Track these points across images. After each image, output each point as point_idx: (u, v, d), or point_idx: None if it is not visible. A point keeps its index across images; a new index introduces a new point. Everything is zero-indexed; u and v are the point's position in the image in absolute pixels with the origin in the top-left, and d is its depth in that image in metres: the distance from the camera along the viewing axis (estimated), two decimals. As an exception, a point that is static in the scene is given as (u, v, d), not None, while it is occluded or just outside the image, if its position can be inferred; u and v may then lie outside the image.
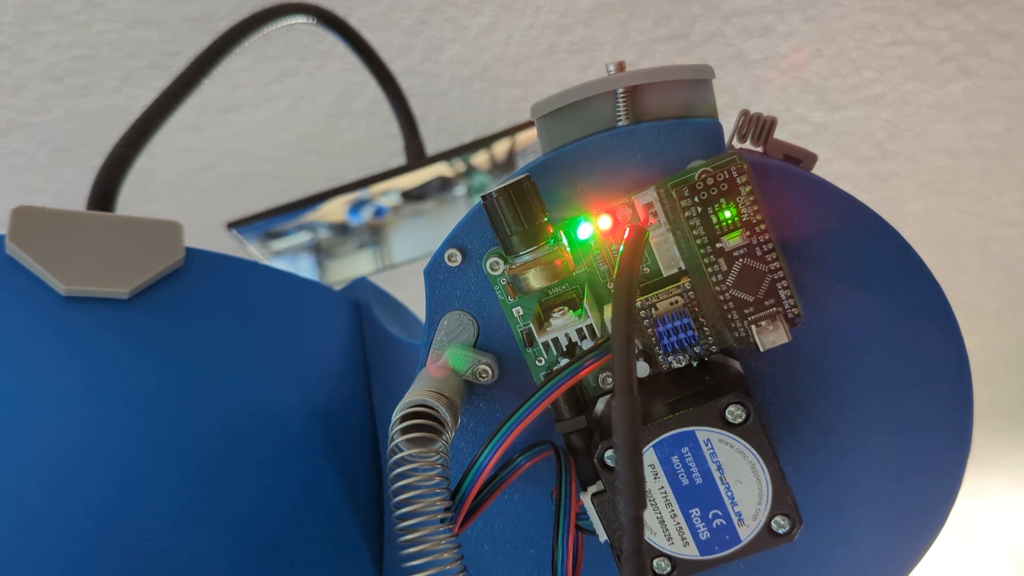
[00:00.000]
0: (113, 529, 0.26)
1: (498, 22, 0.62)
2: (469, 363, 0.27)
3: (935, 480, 0.27)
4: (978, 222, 0.79)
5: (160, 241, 0.30)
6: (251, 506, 0.29)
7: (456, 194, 0.56)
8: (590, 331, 0.25)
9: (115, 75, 0.63)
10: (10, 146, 0.67)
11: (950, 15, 0.62)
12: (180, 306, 0.30)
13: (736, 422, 0.24)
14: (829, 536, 0.28)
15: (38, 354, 0.27)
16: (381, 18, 0.61)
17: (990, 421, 1.03)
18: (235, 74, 0.63)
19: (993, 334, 0.92)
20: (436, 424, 0.24)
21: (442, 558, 0.22)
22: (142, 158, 0.34)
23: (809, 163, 0.26)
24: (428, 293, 0.28)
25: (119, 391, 0.28)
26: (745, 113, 0.27)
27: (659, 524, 0.24)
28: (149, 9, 0.58)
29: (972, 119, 0.70)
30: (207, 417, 0.29)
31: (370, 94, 0.66)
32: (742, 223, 0.24)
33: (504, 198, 0.24)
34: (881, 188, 0.77)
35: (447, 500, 0.23)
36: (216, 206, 0.75)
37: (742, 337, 0.25)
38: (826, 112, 0.70)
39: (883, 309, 0.26)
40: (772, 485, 0.24)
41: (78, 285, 0.28)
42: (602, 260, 0.26)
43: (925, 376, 0.27)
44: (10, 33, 0.58)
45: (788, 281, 0.24)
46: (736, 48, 0.65)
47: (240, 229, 0.55)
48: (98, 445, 0.27)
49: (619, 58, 0.54)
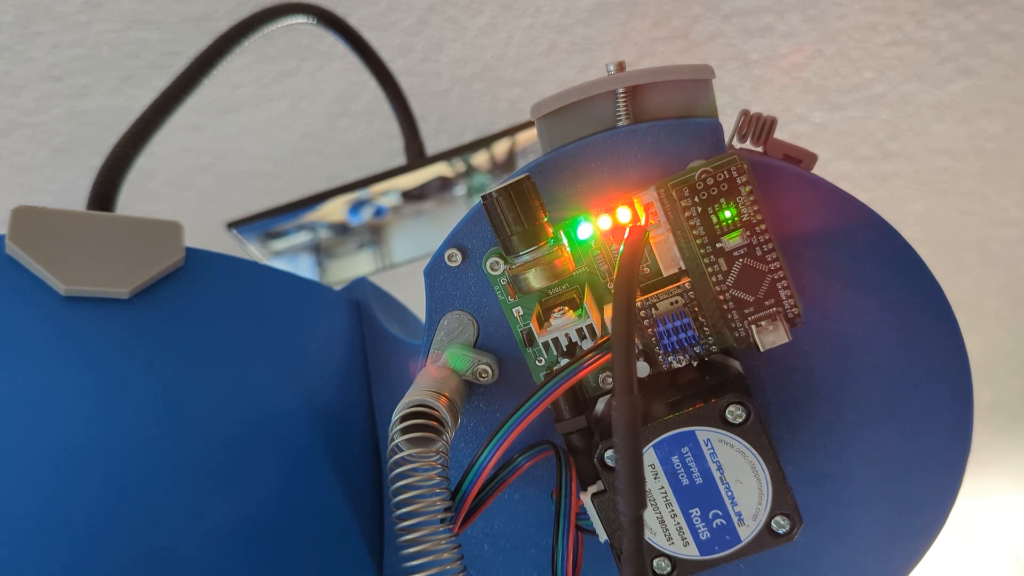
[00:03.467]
0: (112, 529, 0.26)
1: (498, 22, 0.62)
2: (469, 363, 0.27)
3: (935, 480, 0.27)
4: (978, 222, 0.79)
5: (160, 241, 0.30)
6: (251, 506, 0.29)
7: (456, 194, 0.56)
8: (590, 331, 0.25)
9: (115, 75, 0.63)
10: (10, 146, 0.67)
11: (950, 15, 0.62)
12: (180, 306, 0.30)
13: (736, 422, 0.24)
14: (829, 536, 0.28)
15: (38, 354, 0.27)
16: (381, 18, 0.61)
17: (990, 421, 1.03)
18: (235, 74, 0.63)
19: (993, 334, 0.92)
20: (436, 424, 0.24)
21: (442, 558, 0.22)
22: (142, 158, 0.34)
23: (809, 163, 0.26)
24: (428, 293, 0.28)
25: (119, 391, 0.28)
26: (745, 113, 0.27)
27: (659, 524, 0.24)
28: (149, 9, 0.58)
29: (972, 119, 0.70)
30: (207, 417, 0.29)
31: (370, 94, 0.66)
32: (742, 223, 0.24)
33: (504, 198, 0.24)
34: (881, 188, 0.77)
35: (447, 500, 0.23)
36: (216, 206, 0.75)
37: (742, 337, 0.25)
38: (826, 112, 0.70)
39: (883, 309, 0.26)
40: (772, 485, 0.24)
41: (78, 285, 0.28)
42: (602, 260, 0.26)
43: (925, 376, 0.27)
44: (10, 33, 0.58)
45: (788, 281, 0.24)
46: (736, 48, 0.65)
47: (240, 229, 0.55)
48: (98, 445, 0.27)
49: (619, 58, 0.54)
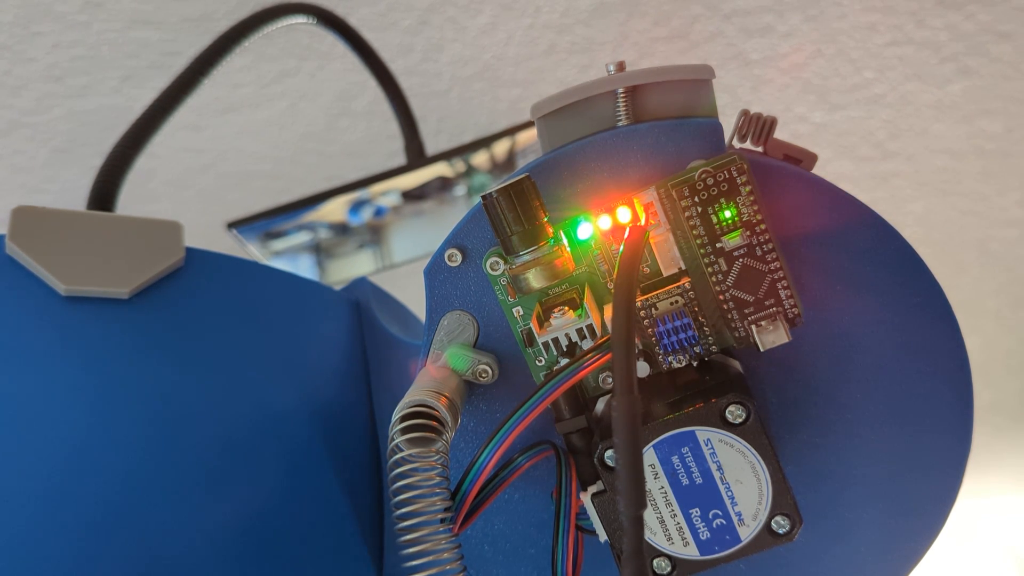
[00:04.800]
0: (112, 529, 0.26)
1: (498, 22, 0.62)
2: (469, 363, 0.27)
3: (935, 480, 0.27)
4: (978, 222, 0.79)
5: (160, 241, 0.30)
6: (251, 506, 0.29)
7: (456, 194, 0.56)
8: (590, 331, 0.25)
9: (115, 75, 0.63)
10: (10, 146, 0.67)
11: (950, 15, 0.62)
12: (180, 306, 0.30)
13: (736, 422, 0.24)
14: (829, 536, 0.28)
15: (38, 354, 0.27)
16: (381, 18, 0.61)
17: (990, 421, 1.03)
18: (235, 74, 0.63)
19: (993, 334, 0.92)
20: (436, 424, 0.24)
21: (442, 558, 0.22)
22: (142, 158, 0.34)
23: (809, 163, 0.26)
24: (428, 293, 0.27)
25: (119, 391, 0.28)
26: (745, 113, 0.27)
27: (659, 524, 0.24)
28: (149, 9, 0.58)
29: (972, 119, 0.70)
30: (207, 417, 0.29)
31: (370, 94, 0.66)
32: (742, 223, 0.24)
33: (504, 198, 0.24)
34: (881, 188, 0.77)
35: (447, 500, 0.23)
36: (216, 206, 0.75)
37: (742, 337, 0.25)
38: (826, 112, 0.70)
39: (883, 309, 0.26)
40: (772, 485, 0.24)
41: (78, 285, 0.28)
42: (602, 260, 0.26)
43: (925, 376, 0.26)
44: (10, 33, 0.58)
45: (788, 281, 0.24)
46: (736, 48, 0.65)
47: (240, 229, 0.55)
48: (98, 445, 0.27)
49: (619, 58, 0.54)
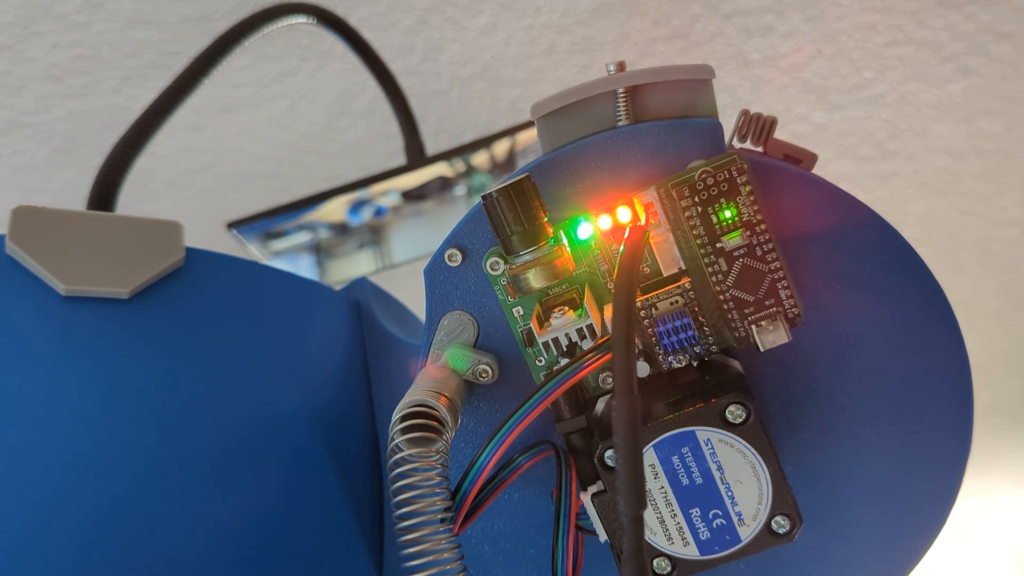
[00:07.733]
0: (112, 530, 0.26)
1: (498, 22, 0.62)
2: (469, 363, 0.27)
3: (935, 480, 0.27)
4: (978, 222, 0.79)
5: (160, 241, 0.30)
6: (251, 506, 0.29)
7: (456, 194, 0.56)
8: (590, 331, 0.25)
9: (115, 75, 0.63)
10: (10, 146, 0.67)
11: (950, 15, 0.62)
12: (180, 306, 0.30)
13: (736, 422, 0.24)
14: (829, 535, 0.28)
15: (38, 354, 0.27)
16: (381, 18, 0.61)
17: (990, 421, 1.03)
18: (235, 74, 0.63)
19: (993, 334, 0.92)
20: (436, 424, 0.24)
21: (442, 558, 0.22)
22: (142, 158, 0.34)
23: (809, 163, 0.26)
24: (428, 293, 0.27)
25: (119, 391, 0.28)
26: (745, 113, 0.27)
27: (659, 524, 0.24)
28: (149, 9, 0.58)
29: (972, 119, 0.70)
30: (207, 417, 0.29)
31: (370, 94, 0.66)
32: (742, 223, 0.24)
33: (504, 198, 0.24)
34: (881, 188, 0.77)
35: (447, 500, 0.23)
36: (216, 206, 0.75)
37: (742, 337, 0.25)
38: (826, 112, 0.70)
39: (883, 309, 0.26)
40: (772, 485, 0.24)
41: (78, 285, 0.28)
42: (602, 260, 0.26)
43: (925, 376, 0.26)
44: (10, 33, 0.58)
45: (788, 281, 0.24)
46: (736, 48, 0.65)
47: (240, 229, 0.55)
48: (99, 445, 0.27)
49: (619, 58, 0.54)
